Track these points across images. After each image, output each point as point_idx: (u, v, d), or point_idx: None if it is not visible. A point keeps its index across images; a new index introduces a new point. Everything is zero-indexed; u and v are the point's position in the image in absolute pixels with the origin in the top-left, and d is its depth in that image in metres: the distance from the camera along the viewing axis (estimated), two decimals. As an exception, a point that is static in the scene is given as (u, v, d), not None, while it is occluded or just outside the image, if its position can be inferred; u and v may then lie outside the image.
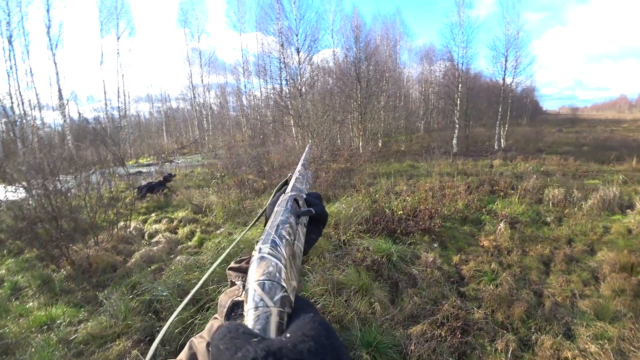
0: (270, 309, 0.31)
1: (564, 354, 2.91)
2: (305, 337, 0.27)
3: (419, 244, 5.11)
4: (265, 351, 0.24)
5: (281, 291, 0.33)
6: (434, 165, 10.64)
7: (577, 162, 11.22)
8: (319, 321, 0.30)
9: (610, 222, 5.97)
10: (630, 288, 3.86)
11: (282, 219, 0.48)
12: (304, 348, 0.26)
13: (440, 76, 22.62)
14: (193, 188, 9.71)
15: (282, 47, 15.77)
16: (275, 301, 0.31)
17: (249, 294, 0.32)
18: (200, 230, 6.35)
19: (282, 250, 0.39)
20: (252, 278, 0.34)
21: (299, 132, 14.30)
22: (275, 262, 0.36)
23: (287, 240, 0.42)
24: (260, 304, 0.31)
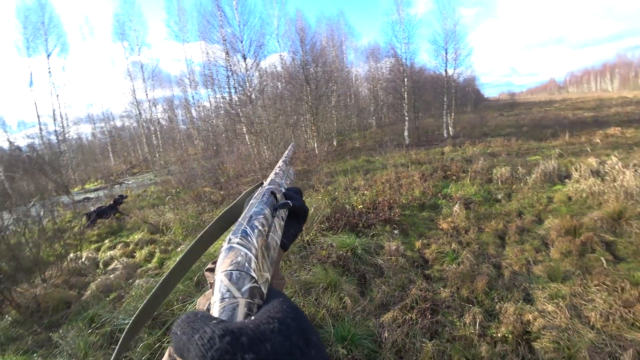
0: (238, 299, 0.30)
1: (525, 317, 3.10)
2: (270, 319, 0.26)
3: (381, 234, 5.22)
4: (223, 330, 0.24)
5: (250, 282, 0.31)
6: (389, 158, 10.98)
7: (518, 141, 12.17)
8: (287, 304, 0.30)
9: (553, 192, 6.52)
10: (575, 249, 4.23)
11: (256, 210, 0.46)
12: (267, 329, 0.25)
13: (387, 72, 23.51)
14: (147, 208, 9.38)
15: (228, 54, 15.46)
16: (244, 292, 0.30)
17: (215, 285, 0.31)
18: (160, 250, 6.11)
19: (253, 240, 0.37)
20: (220, 269, 0.33)
21: (252, 139, 14.13)
22: (244, 251, 0.34)
23: (260, 230, 0.41)
24: (227, 295, 0.30)
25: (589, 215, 5.08)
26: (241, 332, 0.24)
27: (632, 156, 8.17)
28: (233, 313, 0.28)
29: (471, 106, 33.96)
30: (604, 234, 4.55)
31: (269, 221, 0.47)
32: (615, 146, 9.83)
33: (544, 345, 2.73)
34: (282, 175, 0.76)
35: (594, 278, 3.55)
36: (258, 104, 15.22)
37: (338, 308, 3.42)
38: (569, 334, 2.79)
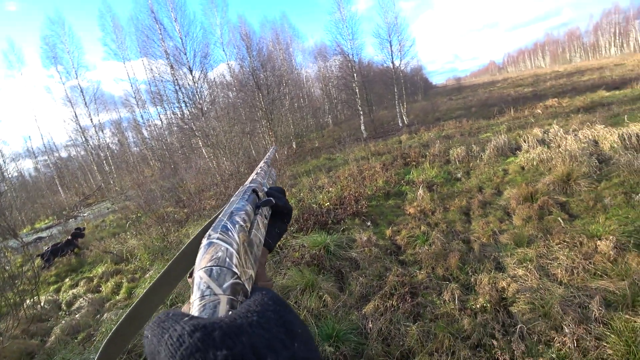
0: (219, 297, 0.28)
1: (500, 285, 3.24)
2: (249, 312, 0.25)
3: (351, 228, 5.24)
4: (194, 326, 0.22)
5: (232, 277, 0.30)
6: (349, 153, 11.12)
7: (469, 122, 12.85)
8: (270, 297, 0.28)
9: (507, 165, 6.93)
10: (534, 213, 4.51)
11: (238, 206, 0.45)
12: (244, 322, 0.24)
13: (336, 70, 23.89)
14: (108, 237, 9.00)
15: (173, 68, 14.90)
16: (225, 288, 0.29)
17: (194, 283, 0.30)
18: (127, 279, 5.79)
19: (234, 235, 0.36)
20: (199, 266, 0.31)
21: (210, 152, 13.76)
22: (225, 246, 0.33)
23: (242, 226, 0.39)
24: (207, 292, 0.28)
25: (541, 181, 5.45)
26: (214, 326, 0.22)
27: (570, 122, 8.92)
28: (214, 311, 0.27)
29: (421, 94, 35.46)
30: (557, 196, 4.90)
31: (251, 217, 0.46)
32: (555, 115, 10.68)
33: (521, 308, 2.86)
34: (263, 175, 0.74)
35: (555, 238, 3.80)
36: (211, 116, 14.85)
37: (319, 307, 3.37)
38: (541, 293, 2.95)
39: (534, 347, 2.45)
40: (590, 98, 12.81)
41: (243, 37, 15.64)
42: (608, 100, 11.74)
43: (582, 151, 6.13)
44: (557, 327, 2.54)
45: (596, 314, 2.51)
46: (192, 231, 6.82)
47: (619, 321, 2.37)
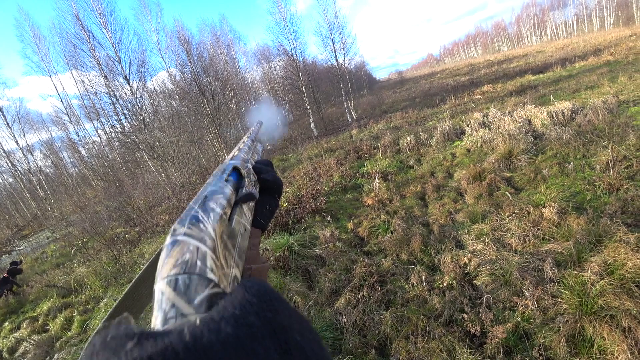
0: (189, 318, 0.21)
1: (461, 261, 3.43)
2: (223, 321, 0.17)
3: (313, 225, 5.25)
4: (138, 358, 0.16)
5: (208, 287, 0.23)
6: (302, 152, 11.15)
7: (415, 112, 13.48)
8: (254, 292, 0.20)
9: (454, 149, 7.37)
10: (484, 191, 4.84)
11: (213, 189, 0.36)
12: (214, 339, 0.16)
13: (281, 71, 23.81)
14: (51, 270, 8.16)
15: (107, 79, 13.80)
16: (198, 304, 0.22)
17: (155, 300, 0.23)
18: (79, 312, 5.24)
19: (206, 227, 0.28)
20: (160, 275, 0.24)
21: (157, 165, 13.02)
22: (195, 244, 0.25)
23: (219, 214, 0.31)
24: (171, 312, 0.21)
25: (487, 161, 5.87)
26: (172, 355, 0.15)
27: (506, 105, 9.72)
28: None
29: (367, 89, 36.56)
30: (503, 172, 5.31)
31: (232, 201, 0.38)
32: (492, 100, 11.58)
33: (484, 280, 3.05)
34: (247, 150, 0.64)
35: (505, 210, 4.11)
36: (155, 127, 14.04)
37: (288, 310, 3.33)
38: (500, 263, 3.17)
39: (500, 314, 2.63)
40: (520, 82, 14.07)
41: (182, 42, 14.97)
42: (535, 83, 13.00)
43: (518, 130, 6.70)
44: (518, 292, 2.76)
45: (550, 274, 2.76)
46: (146, 250, 6.41)
47: (569, 278, 2.62)
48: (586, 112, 6.67)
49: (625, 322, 2.14)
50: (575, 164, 4.84)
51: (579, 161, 4.92)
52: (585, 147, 5.23)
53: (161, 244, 0.46)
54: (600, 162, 4.61)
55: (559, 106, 7.29)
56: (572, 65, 15.38)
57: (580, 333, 2.26)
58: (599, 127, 5.90)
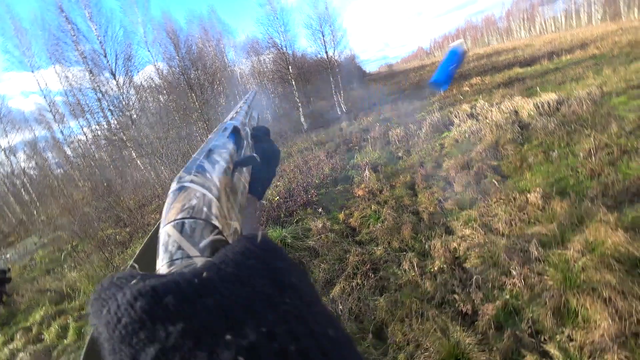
0: (194, 260, 0.22)
1: (451, 246, 3.56)
2: (224, 263, 0.19)
3: (304, 218, 5.33)
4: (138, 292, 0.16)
5: (212, 233, 0.24)
6: (292, 145, 11.20)
7: (404, 104, 13.61)
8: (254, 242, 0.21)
9: (443, 139, 7.50)
10: (472, 179, 4.98)
11: (217, 143, 0.37)
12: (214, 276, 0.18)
13: (271, 64, 23.65)
14: (41, 276, 7.93)
15: (92, 74, 13.51)
16: (203, 248, 0.23)
17: (160, 242, 0.23)
18: (73, 319, 5.14)
19: (212, 177, 0.29)
20: (166, 219, 0.25)
21: (145, 163, 12.85)
22: (201, 191, 0.26)
23: (223, 167, 0.32)
24: (178, 254, 0.22)
25: (474, 150, 6.01)
26: (166, 288, 0.17)
27: (493, 97, 9.90)
28: None
29: (356, 82, 36.60)
30: (490, 161, 5.46)
31: (234, 157, 0.38)
32: (480, 92, 11.76)
33: (473, 262, 3.18)
34: (245, 115, 0.63)
35: (492, 197, 4.25)
36: (142, 123, 13.83)
37: (284, 299, 3.41)
38: (488, 246, 3.30)
39: (489, 293, 2.76)
40: (508, 75, 14.32)
41: (170, 35, 14.72)
42: (522, 76, 13.24)
43: (505, 121, 6.87)
44: (505, 272, 2.89)
45: (535, 254, 2.90)
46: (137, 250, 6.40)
47: (553, 257, 2.77)
48: (571, 103, 6.87)
49: (606, 293, 2.28)
50: (559, 152, 5.01)
51: (563, 149, 5.10)
52: (569, 136, 5.41)
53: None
54: (583, 149, 4.79)
55: (545, 97, 7.49)
56: (559, 58, 15.68)
57: (565, 306, 2.40)
58: (582, 117, 6.09)
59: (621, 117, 5.64)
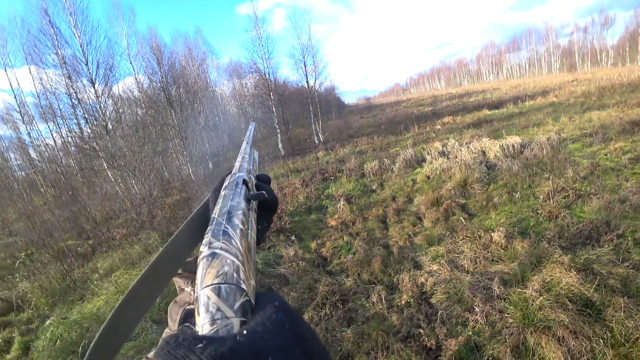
0: (232, 320, 0.26)
1: (419, 281, 3.65)
2: (265, 333, 0.23)
3: (277, 245, 5.31)
4: (212, 357, 0.20)
5: (242, 296, 0.28)
6: (268, 171, 11.23)
7: (380, 138, 14.08)
8: (283, 310, 0.26)
9: (415, 175, 7.80)
10: (441, 215, 5.18)
11: (233, 204, 0.41)
12: (263, 346, 0.22)
13: (252, 88, 23.98)
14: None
15: (71, 79, 13.18)
16: (236, 309, 0.26)
17: (200, 303, 0.27)
18: (20, 332, 4.78)
19: (237, 242, 0.33)
20: (204, 282, 0.28)
21: (117, 175, 12.44)
22: (231, 259, 0.30)
23: (242, 230, 0.36)
24: (218, 315, 0.26)
25: (444, 187, 6.29)
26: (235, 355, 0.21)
27: (464, 136, 10.46)
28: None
29: (335, 113, 37.53)
30: (458, 199, 5.72)
31: (247, 216, 0.42)
32: (451, 131, 12.39)
33: (439, 298, 3.28)
34: (249, 160, 0.68)
35: (459, 234, 4.44)
36: (117, 134, 13.49)
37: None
38: (454, 282, 3.42)
39: (453, 328, 2.85)
40: (477, 116, 15.22)
41: (153, 50, 14.71)
42: (490, 118, 14.11)
43: (474, 160, 7.26)
44: (469, 308, 3.00)
45: (497, 292, 3.04)
46: (100, 264, 6.10)
47: (514, 295, 2.91)
48: (533, 146, 7.38)
49: (560, 332, 2.42)
50: (522, 193, 5.34)
51: (525, 191, 5.44)
52: (531, 179, 5.78)
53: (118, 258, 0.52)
54: (543, 192, 5.13)
55: (510, 140, 8.01)
56: (523, 103, 16.87)
57: (523, 344, 2.51)
58: (543, 160, 6.55)
59: (576, 163, 6.12)
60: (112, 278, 5.06)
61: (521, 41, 70.12)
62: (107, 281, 5.12)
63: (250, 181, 0.54)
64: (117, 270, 5.43)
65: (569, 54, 56.51)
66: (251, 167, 0.66)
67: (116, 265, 5.81)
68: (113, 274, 5.23)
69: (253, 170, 0.68)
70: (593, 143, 7.25)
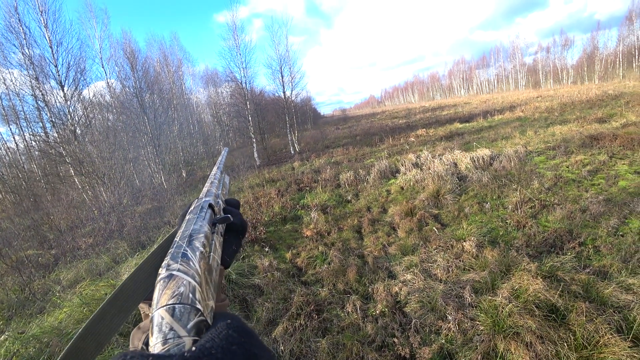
0: (184, 339, 0.27)
1: (393, 290, 3.69)
2: (214, 349, 0.24)
3: (251, 255, 5.24)
4: None
5: (196, 316, 0.29)
6: (243, 180, 11.12)
7: (355, 149, 14.28)
8: (235, 327, 0.27)
9: (389, 186, 7.93)
10: (414, 226, 5.29)
11: (196, 227, 0.43)
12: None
13: (228, 97, 23.80)
14: None
15: (38, 81, 12.57)
16: (190, 329, 0.28)
17: (154, 324, 0.28)
18: None
19: (195, 264, 0.34)
20: (159, 303, 0.29)
21: (84, 182, 11.91)
22: (187, 280, 0.31)
23: (202, 252, 0.38)
24: (170, 334, 0.27)
25: (418, 198, 6.43)
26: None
27: (436, 148, 10.78)
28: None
29: (311, 123, 37.84)
30: (431, 209, 5.86)
31: (210, 239, 0.44)
32: (424, 143, 12.75)
33: (413, 307, 3.33)
34: (217, 185, 0.70)
35: (432, 244, 4.54)
36: (86, 140, 12.96)
37: (223, 340, 3.27)
38: (427, 291, 3.49)
39: (427, 337, 2.89)
40: (449, 129, 15.74)
41: (127, 55, 14.37)
42: (461, 131, 14.63)
43: (446, 172, 7.48)
44: (442, 317, 3.06)
45: (469, 300, 3.12)
46: (63, 276, 5.77)
47: (485, 302, 3.00)
48: (501, 159, 7.70)
49: (528, 337, 2.51)
50: (491, 203, 5.55)
51: (494, 201, 5.65)
52: (500, 189, 6.02)
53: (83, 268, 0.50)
54: (511, 202, 5.35)
55: (480, 152, 8.32)
56: (492, 117, 17.63)
57: (493, 350, 2.58)
58: (511, 172, 6.84)
59: (541, 175, 6.43)
60: (76, 289, 4.81)
61: (490, 58, 73.71)
62: (70, 293, 4.86)
63: (217, 205, 0.56)
64: (82, 281, 5.17)
65: (534, 71, 59.81)
66: (219, 191, 0.68)
67: (81, 276, 5.53)
68: (78, 285, 4.98)
69: (222, 194, 0.71)
70: (556, 156, 7.65)
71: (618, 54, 45.72)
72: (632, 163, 6.41)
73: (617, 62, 45.97)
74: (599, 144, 7.86)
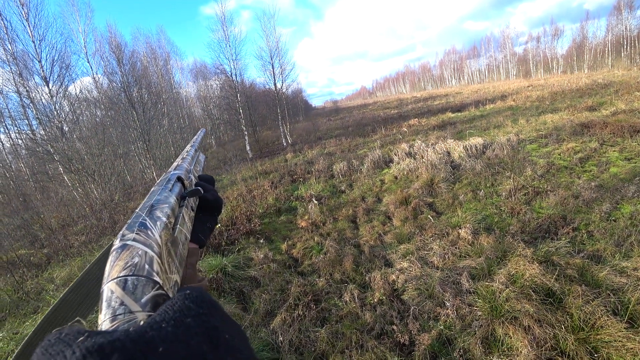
0: (136, 314, 0.24)
1: (390, 278, 3.70)
2: (165, 322, 0.21)
3: (246, 247, 5.22)
4: (87, 349, 0.18)
5: (153, 289, 0.26)
6: (236, 173, 11.03)
7: (347, 140, 14.23)
8: (192, 298, 0.24)
9: (383, 176, 7.93)
10: (409, 214, 5.30)
11: (159, 198, 0.39)
12: (156, 335, 0.20)
13: (218, 90, 23.51)
14: None
15: (22, 77, 12.23)
16: (144, 303, 0.25)
17: (103, 299, 0.25)
18: None
19: (154, 234, 0.31)
20: (110, 275, 0.26)
21: (74, 179, 11.72)
22: (143, 250, 0.28)
23: (164, 222, 0.35)
24: (120, 310, 0.24)
25: (412, 187, 6.44)
26: (113, 347, 0.18)
27: (429, 138, 10.79)
28: None
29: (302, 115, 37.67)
30: (426, 197, 5.88)
31: (176, 211, 0.41)
32: (417, 132, 12.76)
33: (410, 294, 3.34)
34: (190, 160, 0.66)
35: (428, 232, 4.56)
36: (75, 137, 12.73)
37: (221, 332, 3.26)
38: (424, 279, 3.50)
39: (425, 324, 2.90)
40: (442, 118, 15.78)
41: (113, 49, 14.02)
42: (453, 120, 14.67)
43: (439, 161, 7.50)
44: (440, 303, 3.07)
45: (466, 286, 3.14)
46: (57, 274, 5.69)
47: (482, 288, 3.02)
48: (494, 147, 7.74)
49: (526, 321, 2.53)
50: (485, 191, 5.58)
51: (488, 189, 5.68)
52: (494, 177, 6.05)
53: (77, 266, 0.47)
54: (504, 189, 5.38)
55: (473, 141, 8.35)
56: (484, 107, 17.69)
57: (492, 334, 2.61)
58: (504, 160, 6.88)
59: (534, 162, 6.48)
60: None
61: (481, 48, 73.99)
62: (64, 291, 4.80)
63: (188, 180, 0.54)
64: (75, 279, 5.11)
65: (525, 61, 60.17)
66: (192, 167, 0.65)
67: (75, 273, 5.46)
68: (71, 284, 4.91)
69: (195, 170, 0.67)
70: (548, 144, 7.71)
71: (607, 43, 46.16)
72: (623, 150, 6.49)
73: (606, 51, 46.43)
74: (590, 132, 7.94)
